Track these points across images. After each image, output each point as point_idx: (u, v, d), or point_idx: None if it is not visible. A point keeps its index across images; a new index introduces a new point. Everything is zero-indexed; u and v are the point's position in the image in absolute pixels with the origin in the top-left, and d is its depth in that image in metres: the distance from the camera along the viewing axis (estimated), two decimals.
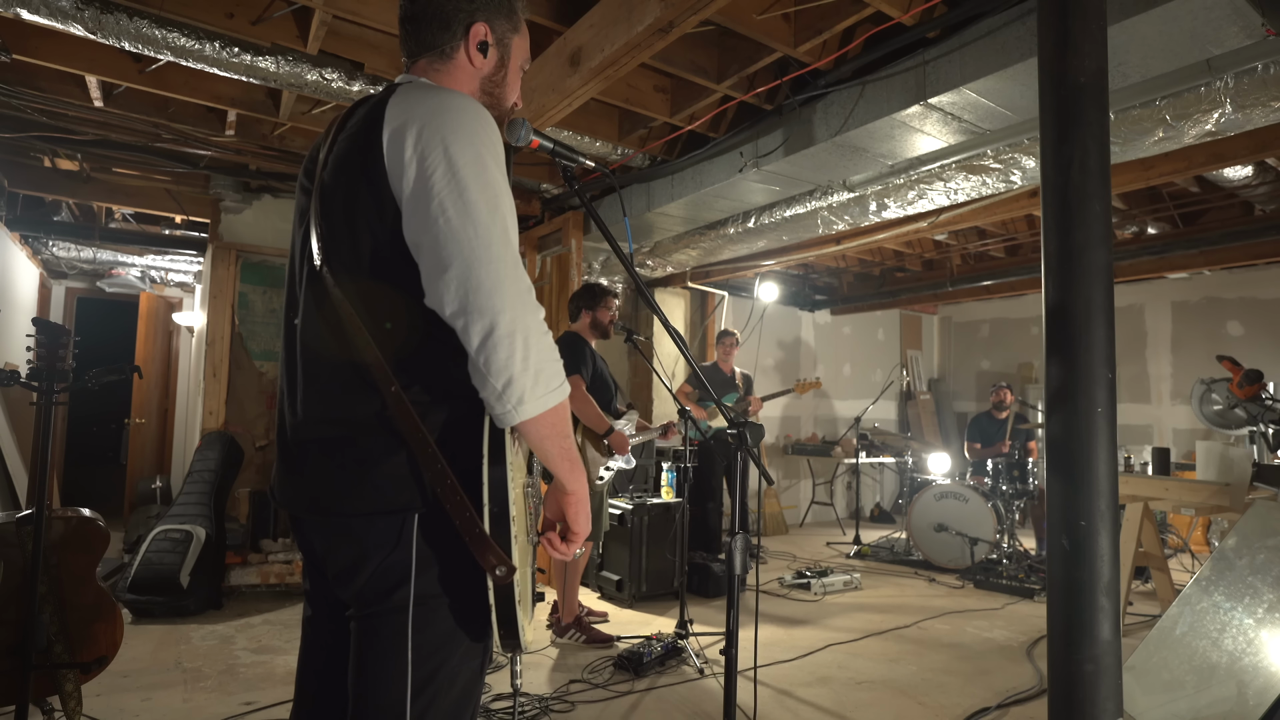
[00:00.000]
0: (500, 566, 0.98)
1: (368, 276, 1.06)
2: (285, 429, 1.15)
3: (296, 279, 1.16)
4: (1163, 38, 2.34)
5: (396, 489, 1.03)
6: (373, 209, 1.05)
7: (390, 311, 1.06)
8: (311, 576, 1.22)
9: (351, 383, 1.06)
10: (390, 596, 1.04)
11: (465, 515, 0.99)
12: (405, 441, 1.02)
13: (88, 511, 2.52)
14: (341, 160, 1.10)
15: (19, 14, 2.55)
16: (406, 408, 1.01)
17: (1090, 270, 1.01)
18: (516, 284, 0.99)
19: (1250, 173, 4.20)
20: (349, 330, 1.04)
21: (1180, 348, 7.28)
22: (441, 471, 1.00)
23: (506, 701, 2.83)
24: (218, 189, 4.94)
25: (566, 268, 5.01)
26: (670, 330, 1.64)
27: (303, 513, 1.11)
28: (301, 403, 1.10)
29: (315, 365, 1.10)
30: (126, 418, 6.56)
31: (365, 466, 1.04)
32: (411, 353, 1.05)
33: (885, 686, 3.17)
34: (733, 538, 1.62)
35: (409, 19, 1.21)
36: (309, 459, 1.09)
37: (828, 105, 3.35)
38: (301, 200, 1.19)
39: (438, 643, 1.05)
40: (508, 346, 0.97)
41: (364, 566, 1.04)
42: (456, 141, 1.01)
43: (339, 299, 1.05)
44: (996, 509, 5.30)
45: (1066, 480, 1.00)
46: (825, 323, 8.41)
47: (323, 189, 1.11)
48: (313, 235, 1.10)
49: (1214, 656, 2.41)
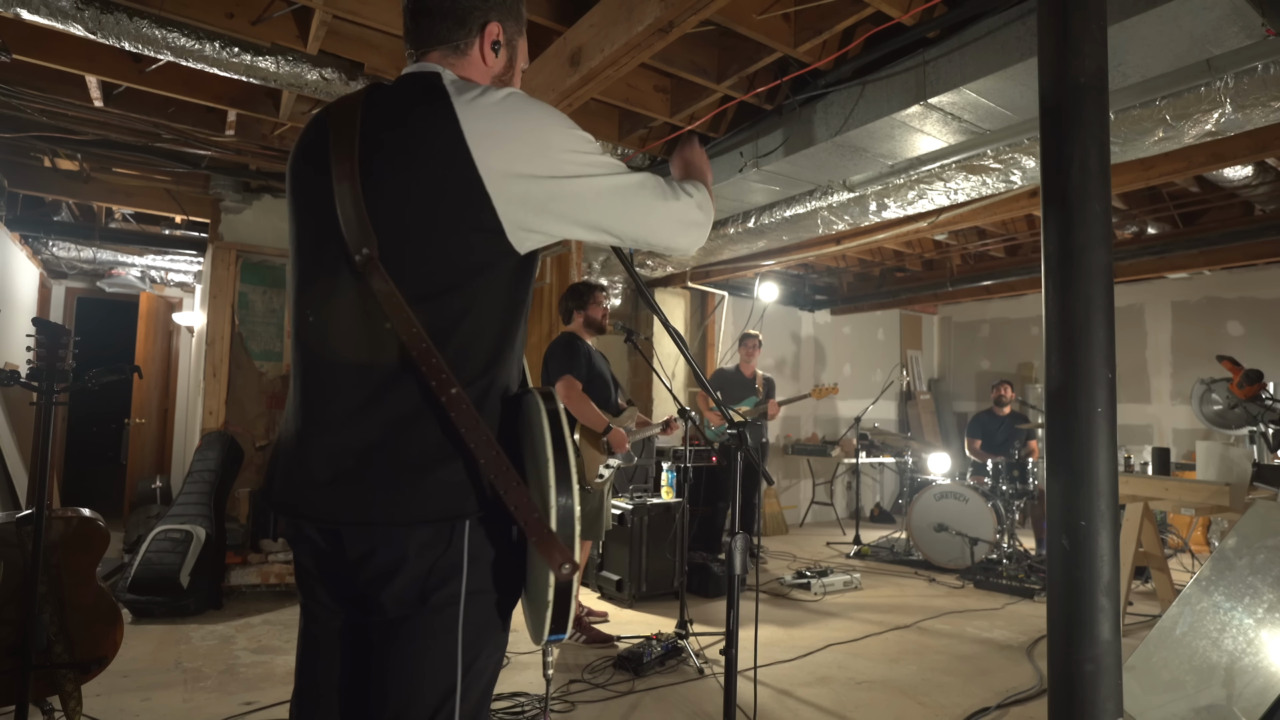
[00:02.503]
0: (566, 564, 0.99)
1: (425, 271, 1.04)
2: (306, 433, 1.09)
3: (320, 279, 1.11)
4: (1163, 38, 2.34)
5: (456, 495, 1.02)
6: (441, 194, 1.03)
7: (446, 308, 1.04)
8: (323, 586, 1.15)
9: (400, 384, 1.03)
10: (436, 595, 1.03)
11: (534, 516, 1.00)
12: (465, 445, 1.01)
13: (88, 511, 2.52)
14: (394, 148, 1.06)
15: (19, 14, 2.55)
16: (471, 412, 1.00)
17: (1090, 270, 1.00)
18: (670, 217, 1.19)
19: (1250, 173, 4.20)
20: (401, 331, 1.01)
21: (1180, 348, 7.28)
22: (508, 474, 1.00)
23: (507, 701, 2.83)
24: (218, 189, 4.94)
25: (566, 268, 5.01)
26: (670, 330, 1.64)
27: (342, 522, 1.06)
28: (337, 406, 1.06)
29: (352, 366, 1.06)
30: (126, 418, 6.56)
31: (420, 473, 1.02)
32: (466, 350, 1.05)
33: (885, 686, 3.17)
34: (732, 538, 1.62)
35: (423, 11, 1.19)
36: (350, 464, 1.04)
37: (828, 105, 3.35)
38: (309, 194, 1.14)
39: (477, 638, 1.06)
40: (689, 242, 1.23)
41: (408, 569, 1.03)
42: (547, 118, 1.09)
43: (388, 296, 1.02)
44: (996, 509, 5.30)
45: (1066, 480, 1.00)
46: (825, 323, 8.42)
47: (365, 180, 1.06)
48: (344, 232, 1.05)
49: (1214, 656, 2.41)
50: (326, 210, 1.09)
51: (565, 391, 3.39)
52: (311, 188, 1.13)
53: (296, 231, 1.17)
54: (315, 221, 1.12)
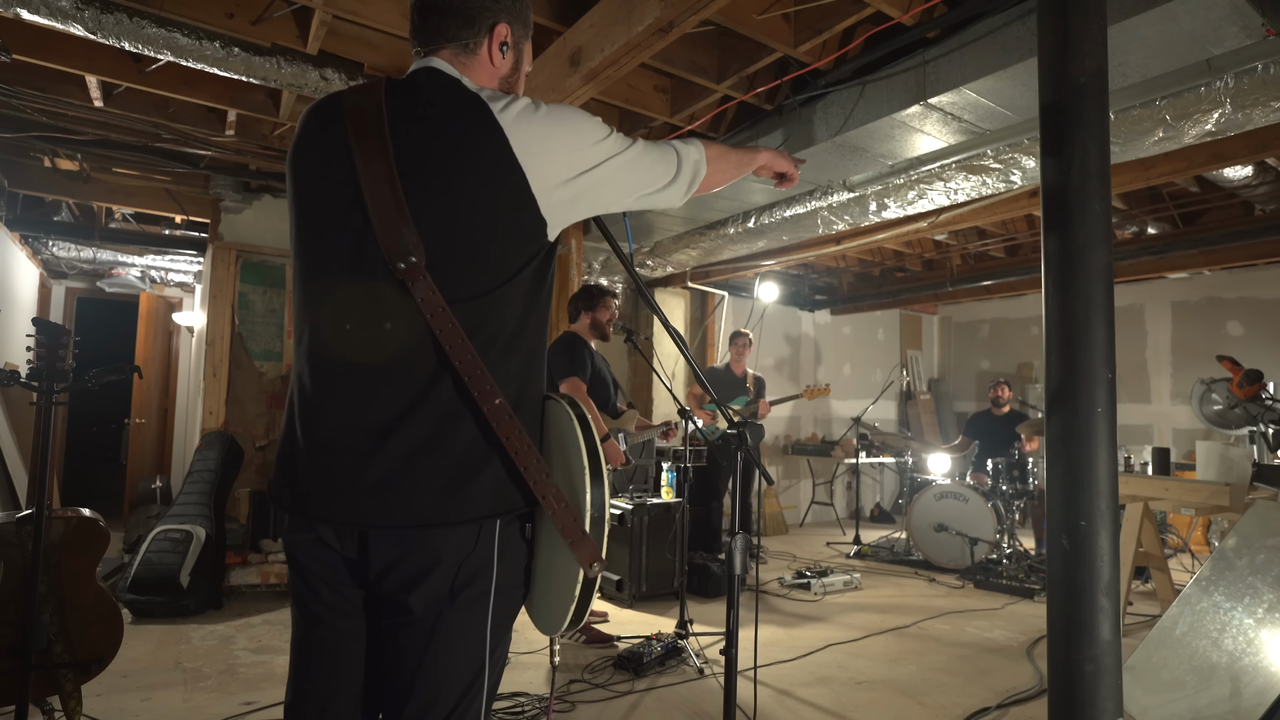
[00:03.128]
0: (596, 563, 1.06)
1: (470, 275, 1.06)
2: (335, 437, 1.08)
3: (341, 280, 1.09)
4: (1163, 38, 2.34)
5: (494, 496, 1.07)
6: (491, 195, 1.06)
7: (489, 314, 1.07)
8: (329, 588, 1.14)
9: (440, 388, 1.05)
10: (465, 592, 1.07)
11: (570, 520, 1.06)
12: (505, 450, 1.06)
13: (88, 511, 2.52)
14: (441, 152, 1.06)
15: (19, 14, 2.55)
16: (514, 421, 1.05)
17: (1090, 270, 1.00)
18: (669, 170, 1.27)
19: (1250, 173, 4.20)
20: (444, 338, 1.03)
21: (1180, 348, 7.28)
22: (547, 482, 1.07)
23: (507, 701, 2.83)
24: (218, 189, 4.94)
25: (566, 268, 5.01)
26: (670, 330, 1.64)
27: (380, 526, 1.05)
28: (375, 411, 1.06)
29: (388, 370, 1.06)
30: (126, 418, 6.56)
31: (463, 477, 1.05)
32: (510, 355, 1.09)
33: (885, 686, 3.17)
34: (732, 538, 1.62)
35: (431, 9, 1.19)
36: (392, 470, 1.04)
37: (828, 105, 3.35)
38: (322, 190, 1.12)
39: (498, 631, 1.12)
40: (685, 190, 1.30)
41: (437, 570, 1.06)
42: (566, 109, 1.16)
43: (434, 305, 1.03)
44: (996, 509, 5.30)
45: (1066, 480, 1.00)
46: (825, 323, 8.41)
47: (407, 186, 1.05)
48: (378, 237, 1.04)
49: (1214, 656, 2.41)
50: (346, 208, 1.08)
51: (570, 394, 3.38)
52: (324, 184, 1.12)
53: (301, 229, 1.15)
54: (329, 219, 1.11)
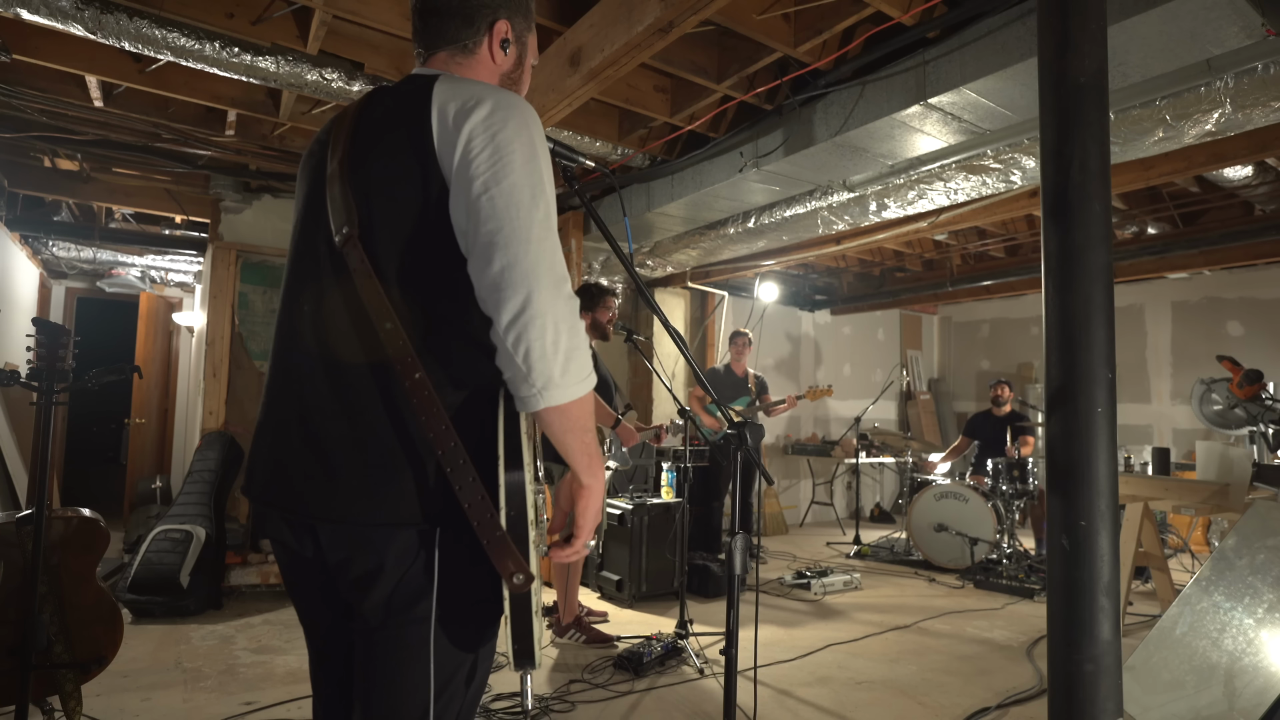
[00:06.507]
0: (518, 574, 0.94)
1: (401, 253, 1.03)
2: (287, 422, 1.08)
3: (304, 265, 1.13)
4: (1163, 38, 2.34)
5: (425, 499, 0.98)
6: (418, 185, 1.02)
7: (418, 292, 1.02)
8: (299, 591, 1.15)
9: (371, 370, 1.01)
10: (413, 608, 1.00)
11: (487, 516, 0.95)
12: (428, 439, 0.97)
13: (88, 511, 2.52)
14: (380, 140, 1.07)
15: (19, 14, 2.55)
16: (432, 397, 0.96)
17: (1090, 270, 1.00)
18: (553, 270, 0.99)
19: (1250, 173, 4.20)
20: (371, 310, 0.99)
21: (1180, 348, 7.28)
22: (464, 468, 0.96)
23: (507, 701, 2.83)
24: (218, 189, 4.94)
25: (566, 268, 5.01)
26: (670, 330, 1.64)
27: (317, 517, 1.03)
28: (312, 393, 1.05)
29: (328, 351, 1.04)
30: (126, 418, 6.56)
31: (390, 470, 0.99)
32: (438, 338, 1.02)
33: (885, 686, 3.17)
34: (732, 538, 1.62)
35: (430, 11, 1.19)
36: (321, 456, 1.02)
37: (828, 105, 3.35)
38: (308, 188, 1.16)
39: (455, 651, 1.03)
40: (539, 326, 0.96)
41: (384, 577, 1.00)
42: (508, 127, 1.02)
43: (363, 275, 1.00)
44: (996, 509, 5.30)
45: (1066, 480, 1.00)
46: (825, 323, 8.41)
47: (352, 168, 1.07)
48: (329, 215, 1.07)
49: (1214, 656, 2.41)
50: (320, 203, 1.11)
51: None
52: (310, 185, 1.16)
53: (293, 228, 1.19)
54: (311, 215, 1.14)
